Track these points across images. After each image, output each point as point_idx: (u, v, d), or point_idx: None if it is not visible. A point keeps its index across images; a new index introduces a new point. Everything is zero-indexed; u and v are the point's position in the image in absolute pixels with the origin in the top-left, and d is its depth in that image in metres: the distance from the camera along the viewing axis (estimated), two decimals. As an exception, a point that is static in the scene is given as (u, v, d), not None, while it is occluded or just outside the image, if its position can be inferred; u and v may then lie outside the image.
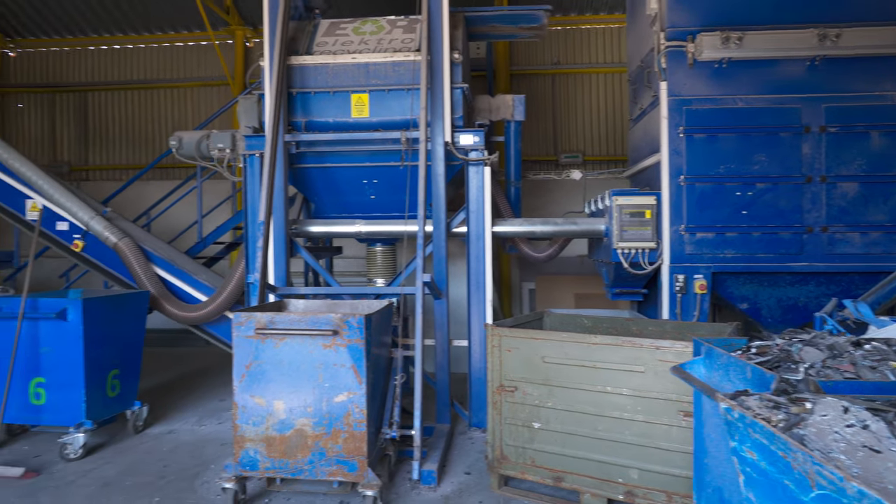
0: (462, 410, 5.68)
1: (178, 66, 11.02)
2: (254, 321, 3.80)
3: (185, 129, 10.77)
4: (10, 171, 6.23)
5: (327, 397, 3.78)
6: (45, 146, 11.32)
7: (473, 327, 5.47)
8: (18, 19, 10.73)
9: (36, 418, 5.02)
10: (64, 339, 4.89)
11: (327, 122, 5.40)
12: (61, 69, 11.32)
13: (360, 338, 3.73)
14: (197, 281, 6.24)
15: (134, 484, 4.42)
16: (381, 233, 5.66)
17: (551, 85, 9.88)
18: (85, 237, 6.26)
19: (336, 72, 5.37)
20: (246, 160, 5.61)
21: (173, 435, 5.51)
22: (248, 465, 3.86)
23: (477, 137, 5.37)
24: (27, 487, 4.36)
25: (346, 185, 5.70)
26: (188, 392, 6.99)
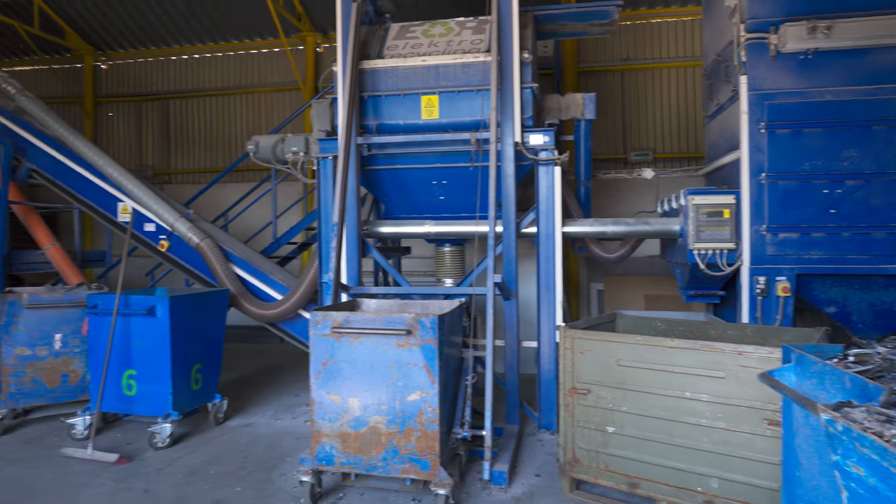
0: (531, 412, 5.65)
1: (252, 72, 11.45)
2: (330, 320, 3.90)
3: (259, 133, 11.20)
4: (104, 177, 6.66)
5: (400, 396, 3.84)
6: (132, 151, 12.02)
7: (543, 328, 5.43)
8: (110, 34, 11.44)
9: (128, 408, 5.34)
10: (153, 334, 5.18)
11: (398, 124, 5.48)
12: (146, 79, 11.99)
13: (433, 338, 3.77)
14: (273, 280, 6.47)
15: (217, 473, 4.63)
16: (450, 233, 5.70)
17: (620, 81, 9.66)
18: (170, 238, 6.61)
19: (406, 74, 5.44)
20: (319, 163, 5.77)
21: (251, 428, 5.74)
22: (324, 459, 3.97)
23: (547, 137, 5.32)
24: (121, 472, 4.65)
25: (416, 185, 5.77)
26: (264, 387, 7.25)
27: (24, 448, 5.20)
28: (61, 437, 5.41)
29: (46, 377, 5.69)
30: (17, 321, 5.56)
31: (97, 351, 5.29)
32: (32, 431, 5.62)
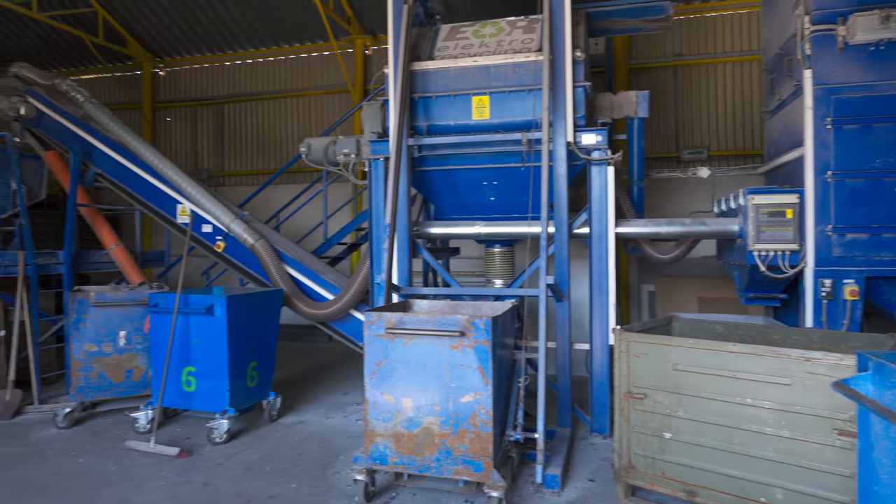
0: (583, 415, 5.57)
1: (302, 76, 11.66)
2: (384, 321, 3.94)
3: (309, 135, 11.40)
4: (165, 180, 6.89)
5: (454, 397, 3.85)
6: (187, 154, 12.41)
7: (595, 330, 5.35)
8: (168, 41, 11.84)
9: (187, 403, 5.51)
10: (211, 332, 5.34)
11: (448, 125, 5.49)
12: (201, 84, 12.36)
13: (487, 339, 3.76)
14: (324, 280, 6.57)
15: (273, 470, 4.73)
16: (500, 234, 5.67)
17: (673, 78, 9.43)
18: (226, 238, 6.80)
19: (457, 75, 5.44)
20: (371, 164, 5.83)
21: (303, 425, 5.85)
22: (377, 459, 4.01)
23: (600, 136, 5.24)
24: (182, 466, 4.80)
25: (466, 186, 5.76)
26: (314, 385, 7.38)
27: (92, 440, 5.43)
28: (125, 430, 5.63)
29: (112, 372, 5.93)
30: (85, 318, 5.81)
31: (158, 348, 5.48)
32: (99, 424, 5.87)
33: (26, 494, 4.29)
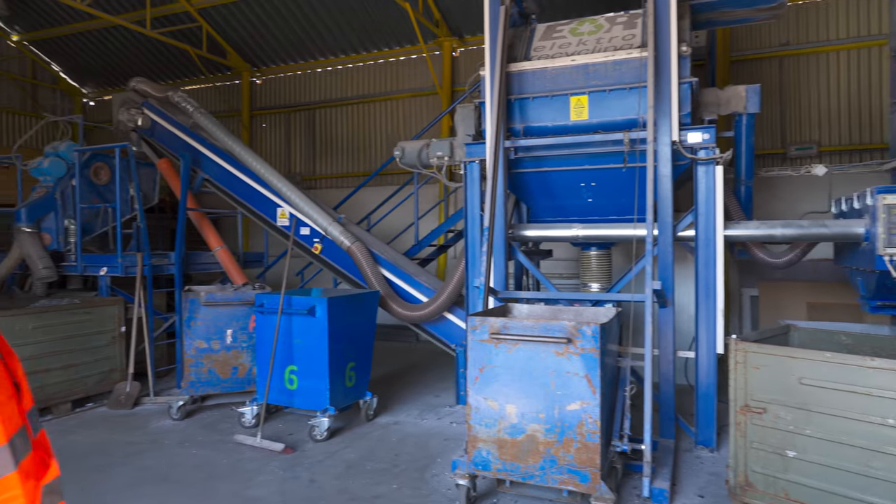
0: (687, 426, 5.33)
1: (390, 80, 11.87)
2: (487, 325, 3.90)
3: (396, 138, 11.59)
4: (266, 184, 7.19)
5: (559, 405, 3.76)
6: (281, 159, 12.93)
7: (702, 338, 5.09)
8: (264, 51, 12.39)
9: (289, 401, 5.71)
10: (312, 332, 5.50)
11: (545, 126, 5.39)
12: (295, 91, 12.83)
13: (595, 346, 3.65)
14: (418, 282, 6.63)
15: (373, 469, 4.81)
16: (599, 237, 5.52)
17: (778, 69, 8.87)
18: (323, 241, 7.00)
19: (554, 75, 5.34)
20: (466, 167, 5.82)
21: (399, 426, 5.92)
22: (480, 464, 3.98)
23: (707, 134, 4.98)
24: (287, 461, 4.97)
25: (563, 188, 5.64)
26: (405, 385, 7.47)
27: (202, 432, 5.73)
28: (232, 424, 5.90)
29: (219, 368, 6.24)
30: (196, 317, 6.14)
31: (263, 347, 5.70)
32: (208, 417, 6.19)
33: (149, 482, 4.57)
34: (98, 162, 7.75)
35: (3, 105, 13.51)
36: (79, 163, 7.46)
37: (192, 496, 4.33)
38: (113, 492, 4.41)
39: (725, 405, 5.76)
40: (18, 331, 5.89)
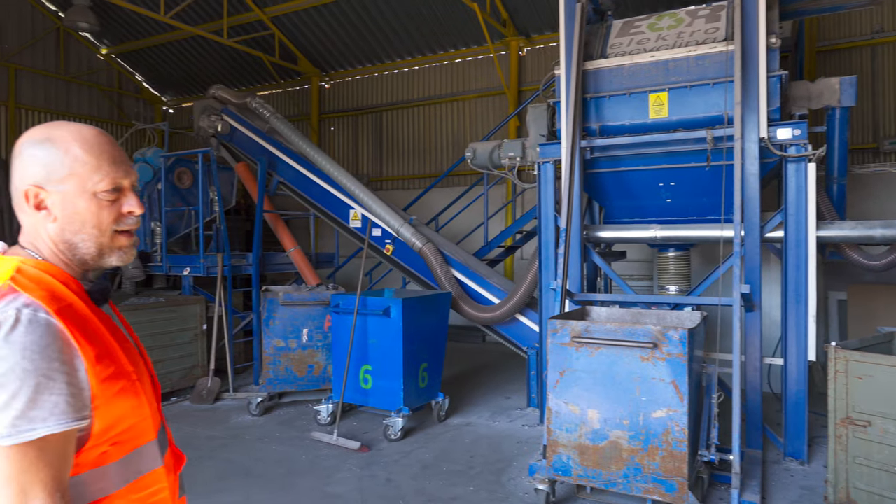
0: (774, 436, 5.08)
1: (456, 81, 11.90)
2: (569, 329, 3.84)
3: (462, 139, 11.61)
4: (339, 186, 7.33)
5: (644, 412, 3.65)
6: (349, 161, 13.18)
7: (790, 344, 4.84)
8: (333, 56, 12.67)
9: (363, 400, 5.80)
10: (386, 333, 5.56)
11: (622, 125, 5.26)
12: (362, 94, 13.06)
13: (682, 352, 3.53)
14: (489, 283, 6.61)
15: (448, 470, 4.81)
16: (678, 238, 5.34)
17: (870, 58, 8.34)
18: (394, 242, 7.08)
19: (632, 72, 5.20)
20: (539, 167, 5.75)
21: (471, 427, 5.91)
22: (560, 469, 3.92)
23: (797, 130, 4.73)
24: (364, 460, 5.05)
25: (640, 188, 5.49)
26: (476, 387, 7.45)
27: (280, 428, 5.89)
28: (308, 421, 6.04)
29: (296, 367, 6.41)
30: (274, 316, 6.33)
31: (339, 346, 5.81)
32: (285, 414, 6.36)
33: (234, 476, 4.74)
34: (181, 167, 8.12)
35: (93, 115, 14.37)
36: (164, 168, 7.83)
37: (275, 491, 4.46)
38: (201, 484, 4.59)
39: (815, 415, 5.48)
40: (112, 327, 6.22)
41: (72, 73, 13.83)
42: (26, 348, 1.04)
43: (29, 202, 1.21)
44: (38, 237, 1.24)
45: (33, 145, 1.21)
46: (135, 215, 1.29)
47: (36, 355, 1.05)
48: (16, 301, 1.08)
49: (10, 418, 1.02)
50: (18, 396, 1.02)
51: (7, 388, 1.02)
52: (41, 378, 1.04)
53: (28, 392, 1.03)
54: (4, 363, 1.03)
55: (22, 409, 1.02)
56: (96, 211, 1.23)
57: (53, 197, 1.21)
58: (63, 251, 1.24)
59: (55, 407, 1.05)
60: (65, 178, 1.21)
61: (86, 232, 1.24)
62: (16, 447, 1.02)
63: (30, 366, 1.04)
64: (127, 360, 1.24)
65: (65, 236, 1.23)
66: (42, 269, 1.19)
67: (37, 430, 1.03)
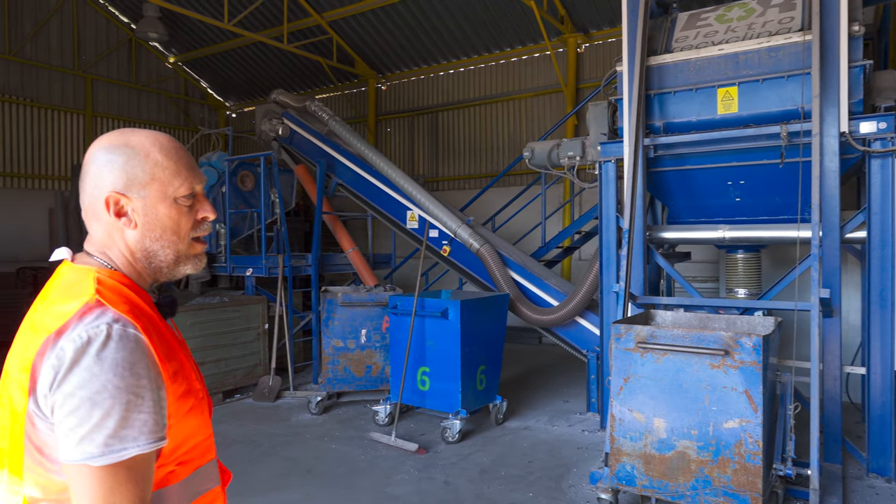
0: (856, 450, 4.77)
1: (513, 79, 11.80)
2: (633, 334, 3.71)
3: (518, 139, 11.49)
4: (396, 188, 7.37)
5: (714, 421, 3.49)
6: (405, 162, 13.27)
7: (874, 352, 4.54)
8: (389, 58, 12.79)
9: (421, 401, 5.79)
10: (444, 335, 5.54)
11: (689, 121, 5.06)
12: (418, 95, 13.13)
13: (756, 360, 3.35)
14: (548, 285, 6.50)
15: (507, 475, 4.75)
16: (749, 239, 5.09)
17: (960, 45, 7.74)
18: (451, 243, 7.05)
19: (699, 67, 4.99)
20: (600, 166, 5.60)
21: (529, 431, 5.82)
22: (624, 479, 3.79)
23: (883, 123, 4.43)
24: (421, 462, 5.03)
25: (707, 187, 5.27)
26: (533, 390, 7.35)
27: (339, 427, 5.96)
28: (366, 421, 6.09)
29: (354, 367, 6.47)
30: (333, 316, 6.41)
31: (397, 347, 5.83)
32: (343, 413, 6.43)
33: (296, 474, 4.81)
34: (244, 170, 8.34)
35: (162, 121, 14.99)
36: (228, 171, 8.06)
37: (336, 490, 4.50)
38: (264, 480, 4.69)
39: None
40: (180, 326, 6.43)
41: (142, 82, 14.48)
42: (118, 365, 1.02)
43: (109, 209, 1.18)
44: (111, 246, 1.21)
45: (111, 151, 1.18)
46: (209, 220, 1.28)
47: (126, 372, 1.03)
48: (105, 316, 1.06)
49: (103, 437, 1.00)
50: (111, 415, 1.00)
51: (101, 407, 1.00)
52: (131, 396, 1.02)
53: (120, 411, 1.01)
54: (97, 381, 1.01)
55: (115, 428, 1.00)
56: (176, 217, 1.22)
57: (135, 203, 1.19)
58: (140, 259, 1.22)
59: (144, 425, 1.03)
60: (147, 183, 1.18)
61: (166, 239, 1.22)
62: (107, 468, 1.00)
63: (121, 383, 1.02)
64: (194, 377, 1.23)
65: (145, 244, 1.21)
66: (117, 280, 1.17)
67: (128, 450, 1.01)
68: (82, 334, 1.02)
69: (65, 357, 1.01)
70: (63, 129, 13.09)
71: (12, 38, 12.10)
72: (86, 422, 0.99)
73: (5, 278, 11.00)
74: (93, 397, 1.00)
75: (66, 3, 12.97)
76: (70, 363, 1.01)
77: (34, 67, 12.54)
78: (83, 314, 1.05)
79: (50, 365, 1.02)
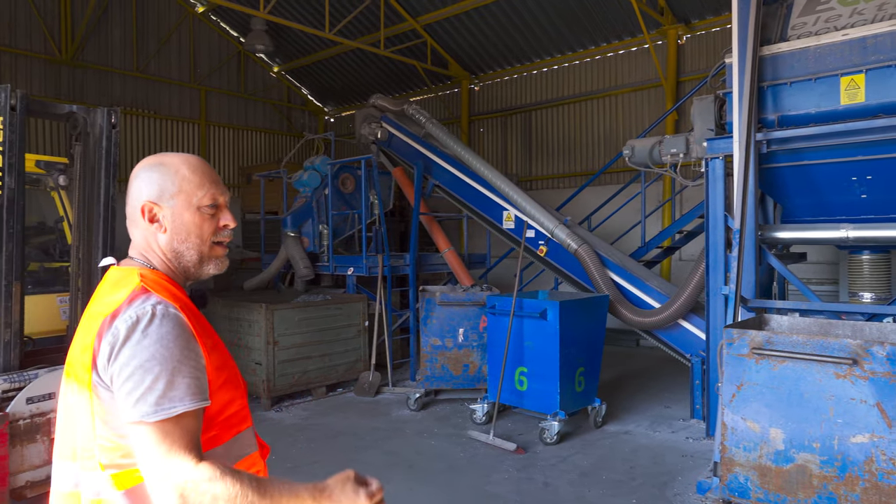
0: None
1: (608, 75, 11.52)
2: (747, 339, 3.54)
3: (614, 136, 11.21)
4: (492, 188, 7.41)
5: (839, 435, 3.27)
6: (498, 162, 13.28)
7: None
8: (482, 59, 12.85)
9: (518, 401, 5.80)
10: (543, 335, 5.52)
11: (807, 113, 4.75)
12: (510, 95, 13.10)
13: (891, 371, 3.10)
14: (649, 286, 6.31)
15: (608, 480, 4.66)
16: (877, 239, 4.71)
17: None
18: (548, 243, 7.00)
19: (820, 54, 4.67)
20: (707, 164, 5.37)
21: (629, 436, 5.68)
22: (736, 490, 3.63)
23: None
24: (520, 462, 5.05)
25: (828, 183, 4.93)
26: (633, 393, 7.16)
27: (437, 424, 6.08)
28: (464, 419, 6.17)
29: (452, 365, 6.57)
30: (432, 315, 6.55)
31: (495, 347, 5.87)
32: (441, 410, 6.55)
33: (398, 468, 4.97)
34: (345, 173, 8.68)
35: (267, 127, 15.87)
36: (330, 174, 8.42)
37: (437, 486, 4.61)
38: (368, 472, 4.79)
39: None
40: (289, 322, 6.81)
41: (249, 91, 15.38)
42: (163, 338, 1.22)
43: (144, 216, 1.40)
44: (149, 249, 1.43)
45: (149, 169, 1.43)
46: (230, 228, 1.48)
47: (171, 343, 1.23)
48: (150, 299, 1.27)
49: (154, 397, 1.19)
50: (160, 379, 1.19)
51: (151, 372, 1.20)
52: (176, 363, 1.22)
53: (167, 375, 1.20)
54: (147, 351, 1.21)
55: (163, 390, 1.19)
56: (199, 223, 1.43)
57: (165, 211, 1.40)
58: (171, 259, 1.43)
59: (188, 388, 1.22)
60: (175, 194, 1.40)
61: (190, 241, 1.42)
62: (159, 423, 1.18)
63: (167, 353, 1.22)
64: (229, 355, 1.43)
65: (173, 245, 1.42)
66: (157, 275, 1.39)
67: (176, 408, 1.19)
68: (132, 315, 1.24)
69: (118, 334, 1.23)
70: (181, 138, 14.16)
71: (139, 58, 13.24)
72: (140, 386, 1.19)
73: (133, 275, 12.03)
74: (144, 365, 1.20)
75: (184, 22, 14.01)
76: (123, 339, 1.22)
77: (157, 82, 13.64)
78: (132, 299, 1.27)
79: (107, 342, 1.24)
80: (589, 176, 10.82)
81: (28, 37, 11.84)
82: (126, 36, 13.05)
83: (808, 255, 7.62)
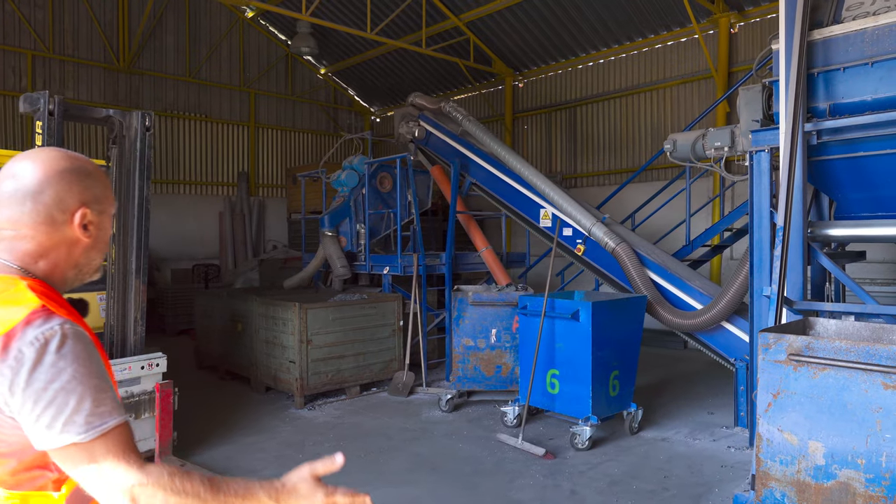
0: None
1: (656, 68, 11.12)
2: (785, 344, 3.27)
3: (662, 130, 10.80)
4: (530, 186, 7.24)
5: (888, 451, 2.97)
6: (542, 159, 13.04)
7: None
8: (526, 55, 12.65)
9: (550, 405, 5.62)
10: (575, 337, 5.32)
11: (863, 101, 4.39)
12: (555, 91, 12.84)
13: (945, 382, 2.79)
14: (690, 287, 6.01)
15: (639, 489, 4.44)
16: (942, 236, 4.31)
17: None
18: (586, 242, 6.78)
19: (878, 37, 4.31)
20: (752, 157, 5.06)
21: (666, 443, 5.42)
22: (773, 507, 3.36)
23: None
24: (548, 467, 4.88)
25: (885, 176, 4.53)
26: (673, 398, 6.85)
27: (468, 426, 5.96)
28: (494, 422, 6.03)
29: (484, 366, 6.45)
30: (464, 315, 6.44)
31: (526, 348, 5.71)
32: (472, 412, 6.43)
33: (422, 469, 4.88)
34: (382, 172, 8.67)
35: (314, 128, 16.12)
36: (368, 174, 8.42)
37: (459, 489, 4.50)
38: (392, 473, 4.80)
39: None
40: (322, 321, 6.83)
41: (297, 93, 15.67)
42: (78, 357, 1.15)
43: (73, 222, 1.28)
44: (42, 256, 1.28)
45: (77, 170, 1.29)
46: None
47: (87, 361, 1.16)
48: (53, 319, 1.17)
49: (83, 418, 1.12)
50: (85, 399, 1.13)
51: (74, 392, 1.12)
52: (96, 380, 1.16)
53: (92, 393, 1.14)
54: (65, 373, 1.13)
55: (90, 408, 1.13)
56: (108, 232, 1.37)
57: (95, 219, 1.32)
58: (65, 270, 1.32)
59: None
60: (102, 200, 1.33)
61: (101, 251, 1.37)
62: (95, 440, 1.13)
63: (86, 371, 1.15)
64: None
65: (89, 255, 1.34)
66: (42, 287, 1.25)
67: (107, 423, 1.14)
68: (38, 337, 1.13)
69: (23, 359, 1.11)
70: (231, 140, 14.55)
71: (192, 63, 13.67)
72: (64, 409, 1.11)
73: (183, 274, 12.47)
74: (65, 387, 1.12)
75: (234, 28, 14.38)
76: (33, 363, 1.12)
77: (208, 87, 14.06)
78: (30, 320, 1.15)
79: (7, 366, 1.12)
80: (631, 171, 10.46)
81: (89, 47, 12.42)
82: (179, 43, 13.51)
83: (869, 253, 7.10)
